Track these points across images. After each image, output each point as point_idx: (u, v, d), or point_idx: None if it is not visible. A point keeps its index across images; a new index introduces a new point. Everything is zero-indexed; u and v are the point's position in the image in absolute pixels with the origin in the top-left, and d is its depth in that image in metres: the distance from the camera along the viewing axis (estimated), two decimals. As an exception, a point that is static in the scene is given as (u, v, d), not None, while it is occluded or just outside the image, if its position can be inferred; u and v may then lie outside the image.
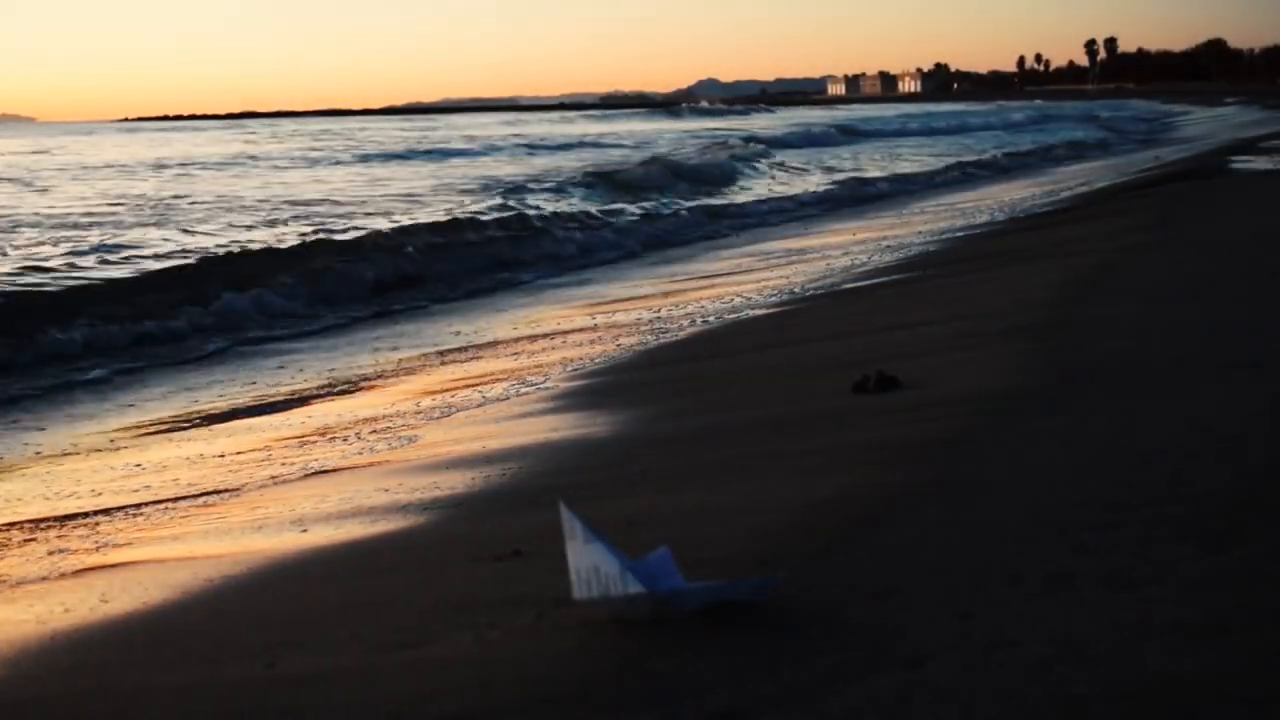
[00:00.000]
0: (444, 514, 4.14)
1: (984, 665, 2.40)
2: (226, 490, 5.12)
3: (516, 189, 24.11)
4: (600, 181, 25.59)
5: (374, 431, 6.01)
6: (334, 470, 5.21)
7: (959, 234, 13.12)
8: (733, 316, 8.73)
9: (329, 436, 6.07)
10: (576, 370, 7.23)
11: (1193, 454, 3.78)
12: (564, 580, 2.88)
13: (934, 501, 3.54)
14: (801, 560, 3.07)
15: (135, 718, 2.66)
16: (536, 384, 6.87)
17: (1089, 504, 3.35)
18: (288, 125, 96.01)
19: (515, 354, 8.31)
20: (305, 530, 4.19)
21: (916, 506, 3.51)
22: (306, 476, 5.17)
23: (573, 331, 9.09)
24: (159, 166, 37.52)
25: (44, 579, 4.04)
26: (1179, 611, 2.58)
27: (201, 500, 4.98)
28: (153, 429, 7.04)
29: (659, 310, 9.71)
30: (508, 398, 6.56)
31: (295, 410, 7.16)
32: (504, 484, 4.49)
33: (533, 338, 9.04)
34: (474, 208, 20.04)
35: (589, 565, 2.82)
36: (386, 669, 2.68)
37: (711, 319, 8.70)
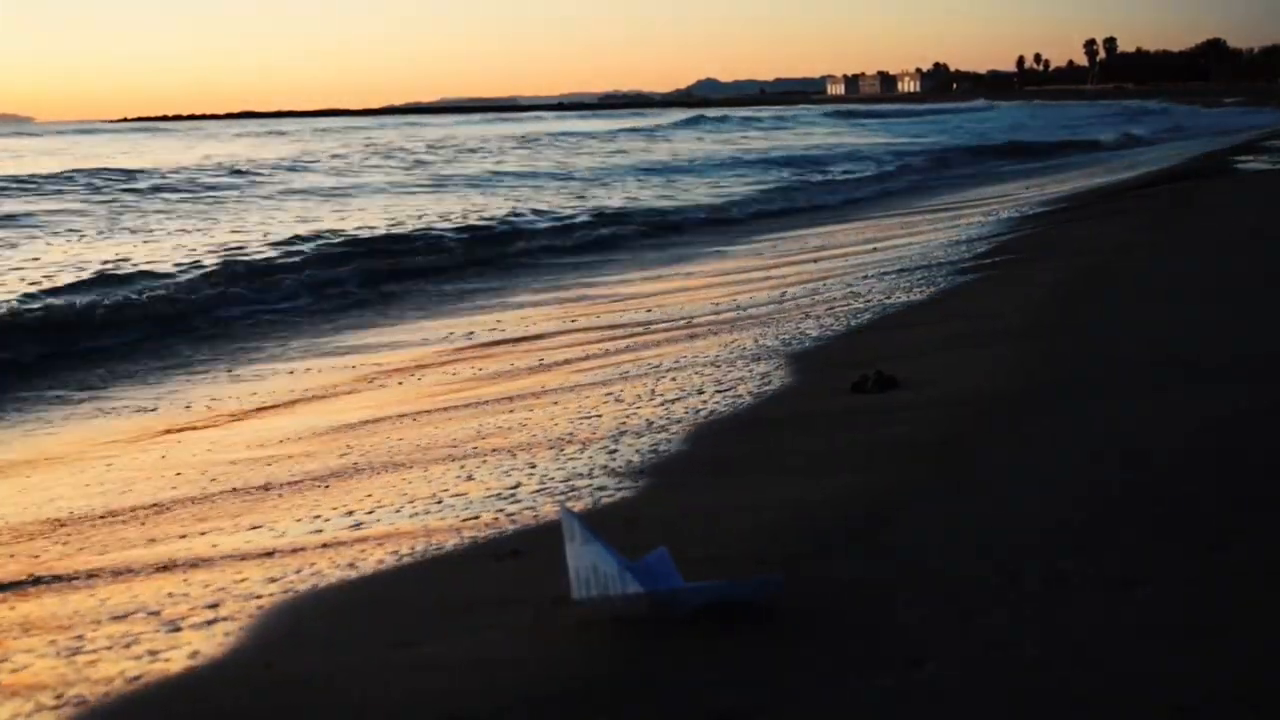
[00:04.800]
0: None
1: (984, 665, 2.40)
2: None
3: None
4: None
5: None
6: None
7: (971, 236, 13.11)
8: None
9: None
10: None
11: (1192, 454, 3.78)
12: (563, 580, 2.88)
13: (933, 502, 3.53)
14: (801, 560, 3.07)
15: (129, 715, 2.66)
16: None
17: (1088, 504, 3.35)
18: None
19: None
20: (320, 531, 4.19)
21: (916, 506, 3.50)
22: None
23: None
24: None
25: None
26: (1179, 611, 2.58)
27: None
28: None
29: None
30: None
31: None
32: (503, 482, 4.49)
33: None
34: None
35: (588, 565, 2.82)
36: (386, 669, 2.68)
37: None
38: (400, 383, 7.56)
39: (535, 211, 20.51)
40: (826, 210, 20.74)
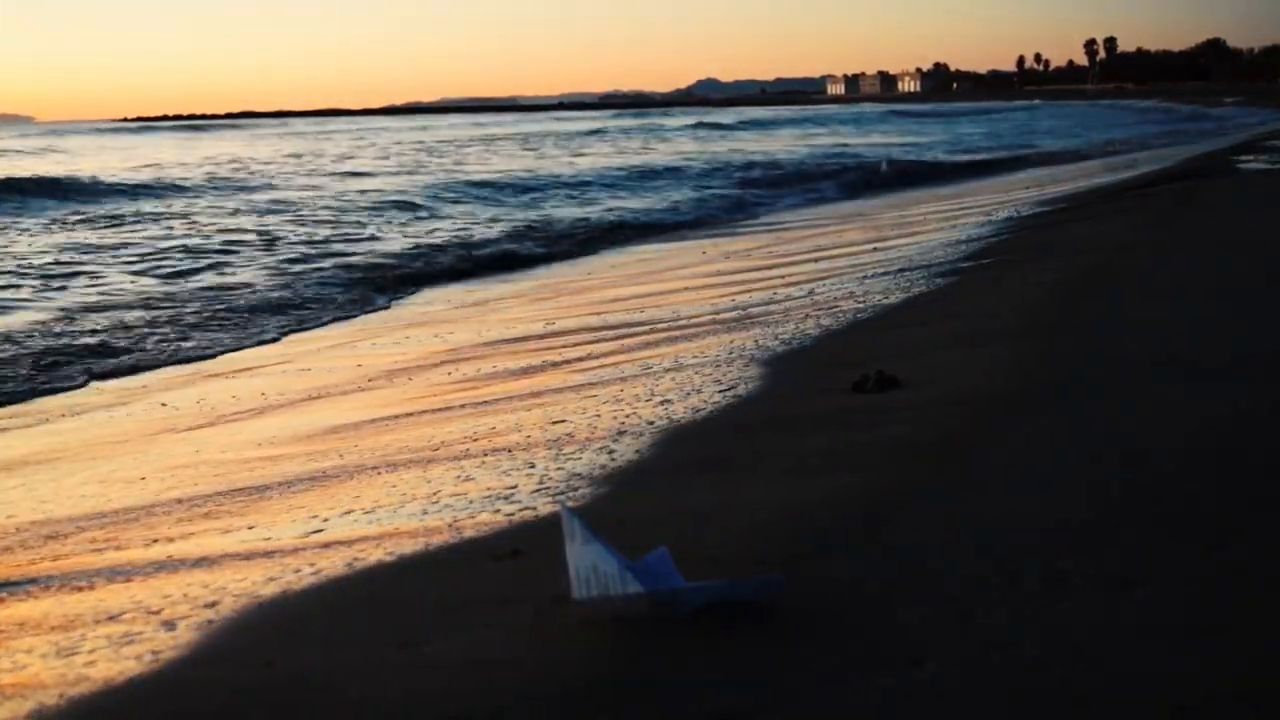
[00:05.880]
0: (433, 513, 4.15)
1: (984, 665, 2.40)
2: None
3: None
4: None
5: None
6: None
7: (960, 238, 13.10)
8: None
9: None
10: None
11: (1192, 454, 3.78)
12: (563, 580, 2.87)
13: (933, 501, 3.53)
14: (800, 560, 3.07)
15: (127, 714, 2.66)
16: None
17: (1088, 504, 3.35)
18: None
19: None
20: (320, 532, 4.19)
21: (916, 506, 3.50)
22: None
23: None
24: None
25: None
26: (1179, 611, 2.58)
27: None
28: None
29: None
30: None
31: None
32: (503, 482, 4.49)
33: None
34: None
35: (588, 565, 2.82)
36: (386, 668, 2.68)
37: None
38: (402, 382, 7.56)
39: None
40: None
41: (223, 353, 10.01)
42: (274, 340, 10.58)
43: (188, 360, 9.69)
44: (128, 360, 9.59)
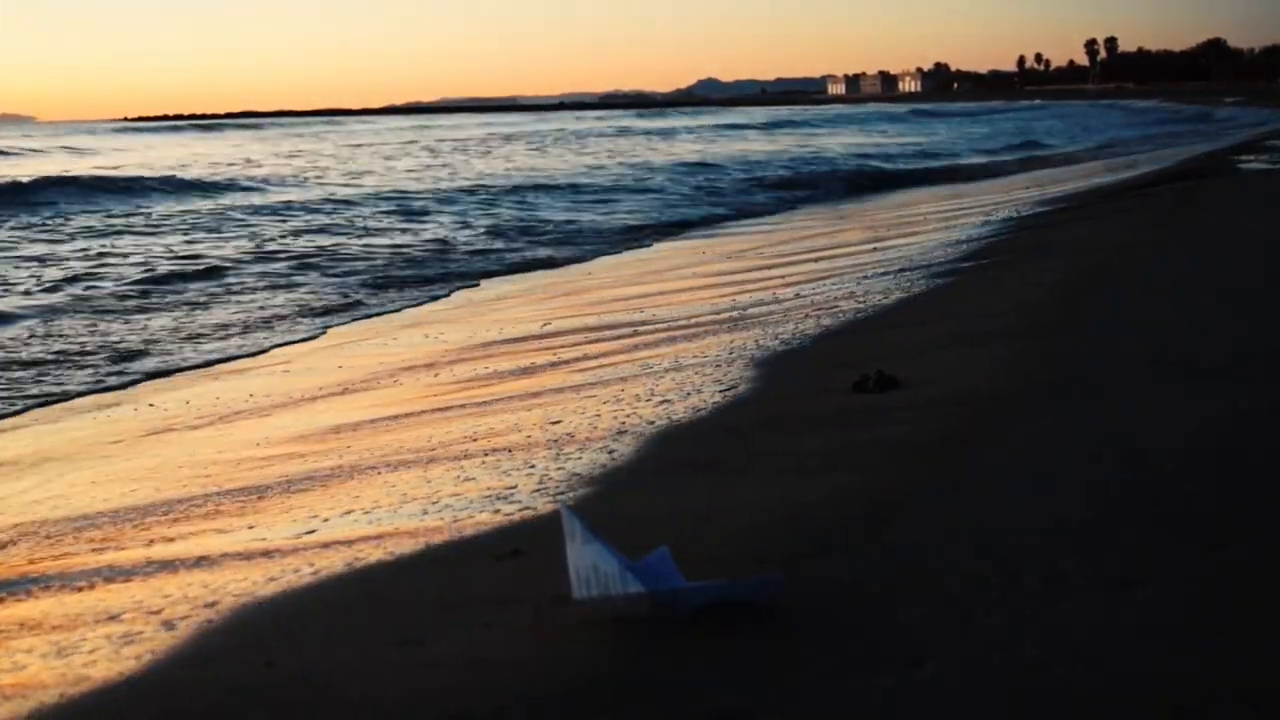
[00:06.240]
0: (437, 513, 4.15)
1: (984, 665, 2.40)
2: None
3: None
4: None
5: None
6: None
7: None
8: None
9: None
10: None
11: (1192, 454, 3.78)
12: (563, 579, 2.87)
13: (933, 501, 3.53)
14: (800, 560, 3.07)
15: (127, 714, 2.66)
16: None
17: (1088, 504, 3.35)
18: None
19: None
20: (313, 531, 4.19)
21: (915, 506, 3.50)
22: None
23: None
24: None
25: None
26: (1179, 611, 2.58)
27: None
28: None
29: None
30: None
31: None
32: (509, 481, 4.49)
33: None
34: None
35: (589, 565, 2.82)
36: (385, 668, 2.68)
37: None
38: (398, 382, 7.56)
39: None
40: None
41: (222, 360, 10.01)
42: (264, 350, 10.59)
43: (206, 364, 9.69)
44: (152, 362, 9.58)
